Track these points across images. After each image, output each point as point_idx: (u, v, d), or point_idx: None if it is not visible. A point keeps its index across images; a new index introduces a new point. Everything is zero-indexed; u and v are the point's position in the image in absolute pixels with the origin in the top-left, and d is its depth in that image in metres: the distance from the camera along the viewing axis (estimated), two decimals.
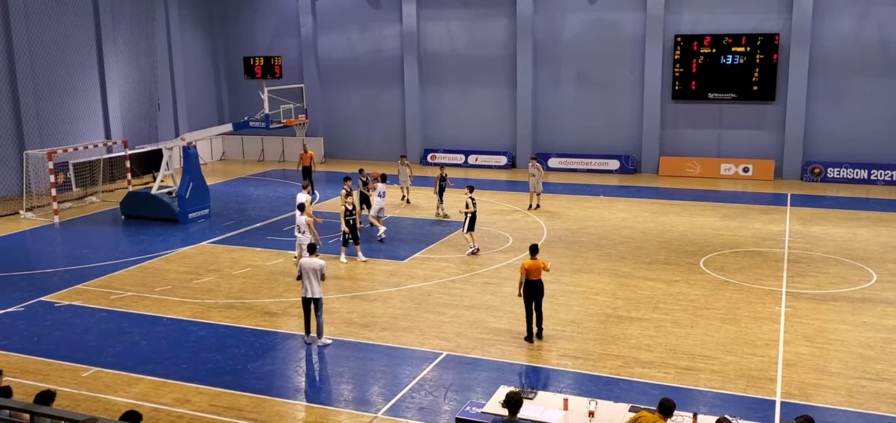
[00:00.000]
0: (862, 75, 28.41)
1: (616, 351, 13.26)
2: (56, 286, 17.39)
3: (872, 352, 13.07)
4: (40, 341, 14.16)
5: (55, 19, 29.37)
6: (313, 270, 13.43)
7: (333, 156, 36.30)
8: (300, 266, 13.61)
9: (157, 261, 19.45)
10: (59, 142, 28.53)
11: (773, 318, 14.71)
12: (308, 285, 13.45)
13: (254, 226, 23.08)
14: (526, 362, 12.88)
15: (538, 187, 24.77)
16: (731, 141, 30.46)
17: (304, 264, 13.52)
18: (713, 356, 12.98)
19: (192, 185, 23.67)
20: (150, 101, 34.28)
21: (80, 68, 30.62)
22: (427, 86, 34.64)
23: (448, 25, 33.82)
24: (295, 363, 13.09)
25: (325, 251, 19.07)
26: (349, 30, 35.51)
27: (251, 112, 30.94)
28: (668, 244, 20.24)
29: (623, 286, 16.73)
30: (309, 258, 13.61)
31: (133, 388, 12.12)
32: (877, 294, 16.07)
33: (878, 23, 27.91)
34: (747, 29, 29.33)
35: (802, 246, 19.88)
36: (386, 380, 12.31)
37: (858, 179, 28.75)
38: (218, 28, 37.91)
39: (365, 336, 14.11)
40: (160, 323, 15.02)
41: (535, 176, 24.65)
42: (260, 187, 29.93)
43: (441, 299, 16.03)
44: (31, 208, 25.34)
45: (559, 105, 32.62)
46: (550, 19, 32.06)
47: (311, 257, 13.62)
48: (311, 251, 13.78)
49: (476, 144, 34.26)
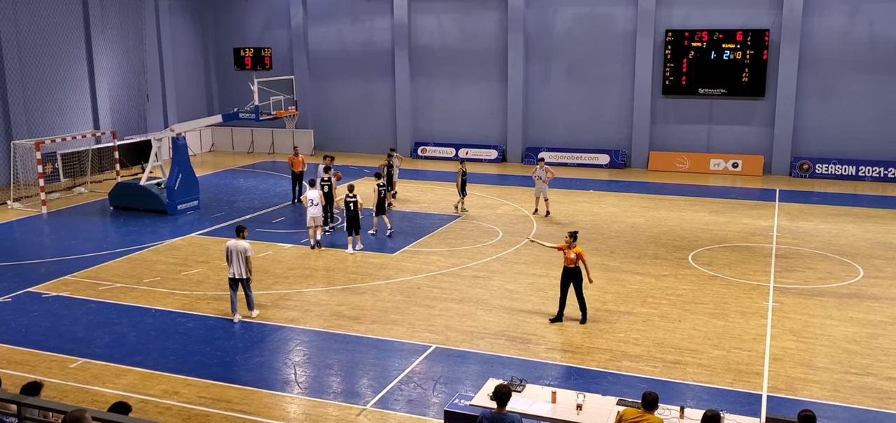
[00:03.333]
0: (851, 72, 28.57)
1: (604, 345, 13.32)
2: (44, 277, 17.29)
3: (858, 347, 13.18)
4: (28, 333, 14.09)
5: (43, 8, 29.14)
6: (239, 252, 14.06)
7: (323, 148, 36.20)
8: (227, 248, 14.21)
9: (146, 252, 19.38)
10: (47, 132, 28.33)
11: (761, 313, 14.81)
12: (234, 266, 14.10)
13: (243, 218, 23.01)
14: (515, 355, 12.91)
15: (545, 191, 22.70)
16: (721, 136, 30.59)
17: (231, 246, 14.15)
18: (701, 350, 13.07)
19: (182, 176, 23.57)
20: (139, 91, 34.09)
21: (69, 58, 30.41)
22: (418, 79, 34.60)
23: (439, 18, 33.77)
24: (284, 356, 13.08)
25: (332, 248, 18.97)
26: (340, 22, 35.41)
27: (241, 103, 30.85)
28: (657, 239, 20.32)
29: (612, 280, 16.80)
30: (236, 240, 14.22)
31: (121, 379, 12.09)
32: (863, 290, 16.19)
33: (867, 20, 28.06)
34: (738, 25, 29.44)
35: (790, 241, 20.00)
36: (375, 373, 12.32)
37: (846, 176, 28.93)
38: (208, 18, 37.71)
39: (354, 329, 14.11)
40: (148, 314, 14.97)
41: (542, 179, 22.55)
42: (249, 179, 29.84)
43: (430, 293, 16.04)
44: (19, 199, 25.17)
45: (550, 99, 32.66)
46: (542, 13, 32.07)
47: (238, 240, 14.21)
48: (238, 233, 14.34)
49: (467, 138, 34.25)
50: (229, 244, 14.23)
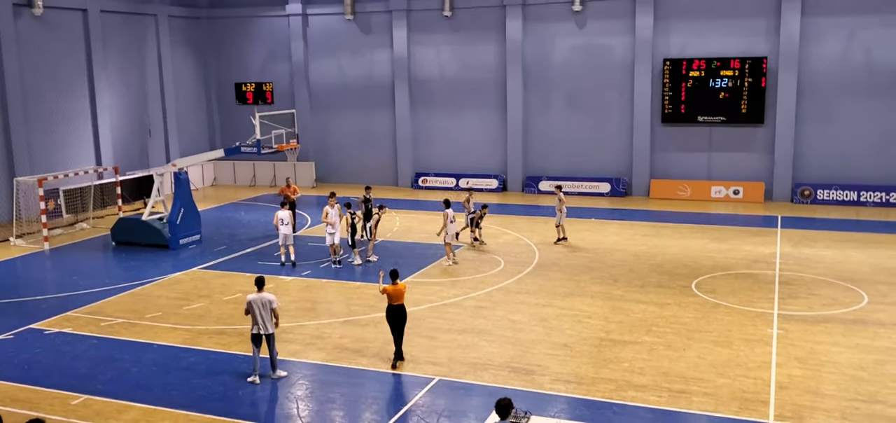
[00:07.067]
0: (850, 98, 28.68)
1: (609, 375, 13.23)
2: (46, 313, 17.25)
3: (865, 374, 13.09)
4: (30, 369, 14.02)
5: (46, 45, 29.39)
6: (264, 304, 12.91)
7: (325, 181, 36.29)
8: (249, 302, 12.91)
9: (148, 287, 19.34)
10: (49, 168, 28.43)
11: (765, 340, 14.73)
12: (259, 321, 12.88)
13: (245, 251, 23.00)
14: (519, 387, 12.83)
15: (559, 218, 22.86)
16: (722, 164, 30.64)
17: (254, 300, 12.91)
18: (706, 379, 12.98)
19: (184, 211, 23.59)
20: (141, 127, 34.27)
21: (71, 95, 30.60)
22: (418, 110, 34.77)
23: (438, 50, 34.02)
24: (286, 390, 13.00)
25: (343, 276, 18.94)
26: (340, 55, 35.67)
27: (243, 138, 30.97)
28: (660, 267, 20.27)
29: (616, 309, 16.73)
30: (258, 293, 12.98)
31: (124, 415, 12.00)
32: (868, 315, 16.12)
33: (864, 46, 28.23)
34: (735, 53, 29.62)
35: (793, 268, 19.95)
36: (378, 406, 12.24)
37: (848, 201, 28.92)
38: (209, 54, 38.00)
39: (357, 362, 14.04)
40: (151, 350, 14.90)
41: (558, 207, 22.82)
42: (251, 212, 29.87)
43: (433, 324, 15.98)
44: (22, 235, 25.18)
45: (549, 128, 32.78)
46: (539, 44, 32.30)
47: (260, 293, 13.00)
48: (260, 285, 13.11)
49: (467, 168, 34.34)
50: (252, 298, 12.88)
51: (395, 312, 13.59)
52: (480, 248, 22.64)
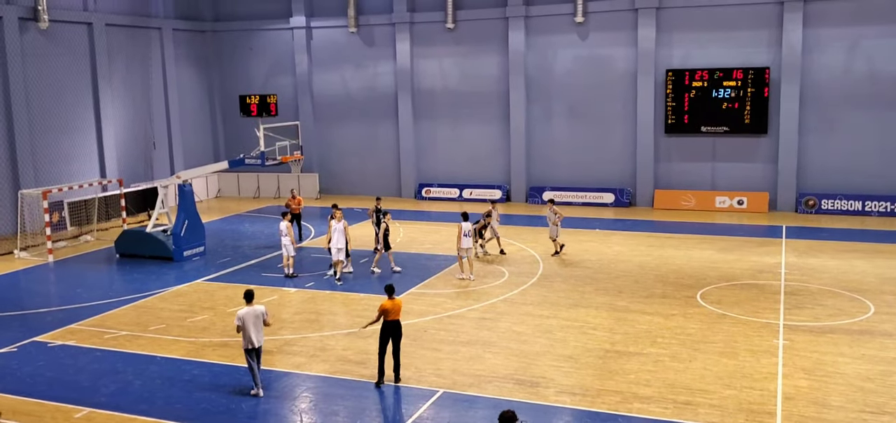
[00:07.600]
0: (853, 108, 28.64)
1: (614, 386, 13.16)
2: (49, 326, 17.24)
3: (872, 385, 13.01)
4: (33, 382, 14.00)
5: (51, 58, 29.51)
6: (256, 317, 12.81)
7: (328, 192, 36.31)
8: (241, 317, 12.70)
9: (152, 299, 19.33)
10: (54, 181, 28.50)
11: (771, 351, 14.66)
12: (253, 335, 12.74)
13: (249, 263, 22.99)
14: (524, 399, 12.77)
15: (554, 231, 22.90)
16: (725, 174, 30.59)
17: (246, 314, 12.70)
18: (712, 390, 12.90)
19: (188, 223, 23.60)
20: (145, 139, 34.35)
21: (76, 107, 30.69)
22: (421, 121, 34.81)
23: (441, 62, 34.08)
24: (289, 402, 12.95)
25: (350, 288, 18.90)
26: (344, 68, 35.75)
27: (247, 149, 31.00)
28: (664, 278, 20.21)
29: (621, 321, 16.67)
30: (249, 307, 12.79)
31: None
32: (875, 326, 16.03)
33: (866, 56, 28.21)
34: (737, 63, 29.61)
35: (799, 278, 19.87)
36: (381, 419, 12.18)
37: (853, 211, 28.83)
38: (213, 66, 38.11)
39: (360, 374, 13.99)
40: (154, 362, 14.88)
41: (552, 220, 22.89)
42: (255, 224, 29.88)
43: (437, 335, 15.93)
44: (26, 248, 25.22)
45: (552, 139, 32.78)
46: (542, 55, 32.34)
47: (252, 306, 12.86)
48: (249, 299, 12.93)
49: (470, 179, 34.33)
50: (243, 313, 12.71)
51: (392, 328, 13.32)
52: (484, 258, 22.59)
